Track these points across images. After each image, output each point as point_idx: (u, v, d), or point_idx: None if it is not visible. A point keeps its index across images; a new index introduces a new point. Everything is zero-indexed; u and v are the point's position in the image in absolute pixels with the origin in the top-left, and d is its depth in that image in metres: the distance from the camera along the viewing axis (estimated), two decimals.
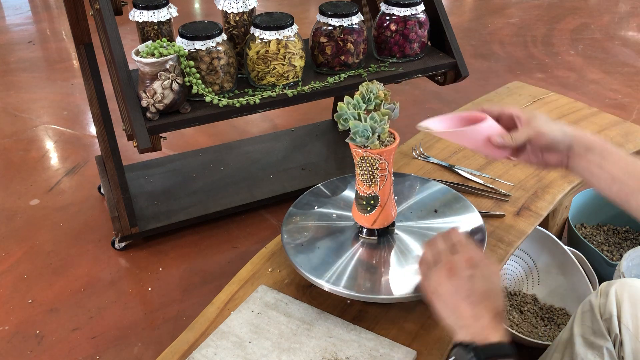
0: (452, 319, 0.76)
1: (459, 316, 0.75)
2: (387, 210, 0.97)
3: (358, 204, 0.98)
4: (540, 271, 1.50)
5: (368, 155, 0.90)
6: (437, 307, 0.78)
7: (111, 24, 1.22)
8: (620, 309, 0.91)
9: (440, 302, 0.78)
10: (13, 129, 2.33)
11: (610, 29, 3.31)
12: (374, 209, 0.96)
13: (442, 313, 0.77)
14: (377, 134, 0.88)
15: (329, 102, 2.21)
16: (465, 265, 0.78)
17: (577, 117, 1.53)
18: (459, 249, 0.81)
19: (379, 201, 0.95)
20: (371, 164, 0.91)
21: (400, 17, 1.40)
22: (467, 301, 0.75)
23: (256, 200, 1.78)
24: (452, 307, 0.76)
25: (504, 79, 2.66)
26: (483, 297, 0.75)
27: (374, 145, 0.89)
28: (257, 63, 1.31)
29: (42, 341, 1.42)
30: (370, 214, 0.97)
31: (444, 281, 0.78)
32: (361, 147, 0.90)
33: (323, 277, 0.93)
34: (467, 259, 0.79)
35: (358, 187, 0.96)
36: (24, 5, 3.75)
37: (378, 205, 0.96)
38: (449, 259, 0.80)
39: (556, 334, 1.39)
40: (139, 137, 1.20)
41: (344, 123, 0.89)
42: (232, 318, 0.95)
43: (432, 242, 0.85)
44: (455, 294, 0.76)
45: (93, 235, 1.76)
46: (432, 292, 0.79)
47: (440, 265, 0.79)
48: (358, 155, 0.91)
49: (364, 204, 0.96)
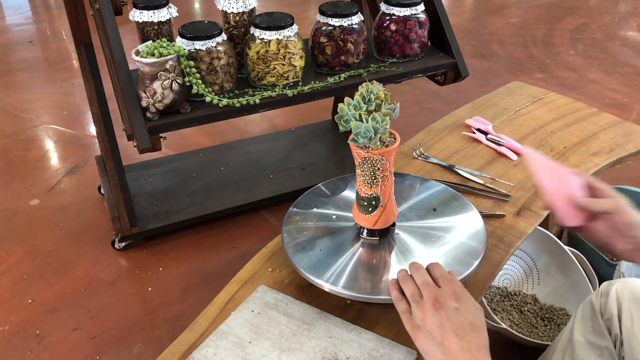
0: (437, 353, 0.74)
1: (446, 349, 0.73)
2: (388, 211, 0.97)
3: (359, 205, 0.98)
4: (540, 271, 1.50)
5: (369, 156, 0.90)
6: (422, 342, 0.77)
7: (111, 24, 1.22)
8: (621, 309, 0.91)
9: (425, 335, 0.76)
10: (13, 129, 2.33)
11: (610, 29, 3.31)
12: (375, 209, 0.96)
13: (427, 348, 0.76)
14: (379, 134, 0.88)
15: (329, 102, 2.21)
16: (450, 298, 0.77)
17: (577, 117, 1.53)
18: (441, 283, 0.80)
19: (381, 202, 0.95)
20: (373, 164, 0.91)
21: (400, 17, 1.40)
22: (453, 334, 0.73)
23: (256, 200, 1.78)
24: (439, 340, 0.74)
25: (504, 79, 2.66)
26: (469, 330, 0.74)
27: (376, 145, 0.89)
28: (257, 63, 1.31)
29: (42, 341, 1.42)
30: (371, 215, 0.97)
31: (430, 314, 0.76)
32: (363, 148, 0.89)
33: (323, 277, 0.93)
34: (452, 293, 0.77)
35: (359, 188, 0.95)
36: (24, 5, 3.75)
37: (379, 206, 0.96)
38: (434, 292, 0.78)
39: (556, 334, 1.39)
40: (139, 137, 1.20)
41: (344, 124, 0.89)
42: (232, 318, 0.95)
43: (407, 277, 0.83)
44: (441, 327, 0.74)
45: (93, 235, 1.76)
46: (416, 325, 0.78)
47: (426, 298, 0.78)
48: (359, 157, 0.91)
49: (366, 205, 0.96)
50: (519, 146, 1.37)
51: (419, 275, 0.82)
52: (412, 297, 0.80)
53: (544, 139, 1.44)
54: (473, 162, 1.35)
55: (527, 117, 1.54)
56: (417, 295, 0.79)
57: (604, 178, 1.90)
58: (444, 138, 1.44)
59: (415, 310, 0.78)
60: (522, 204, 1.22)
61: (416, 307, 0.78)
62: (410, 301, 0.80)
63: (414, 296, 0.80)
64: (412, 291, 0.80)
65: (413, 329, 0.78)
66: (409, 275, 0.84)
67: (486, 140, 1.40)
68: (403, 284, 0.83)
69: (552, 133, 1.46)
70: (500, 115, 1.54)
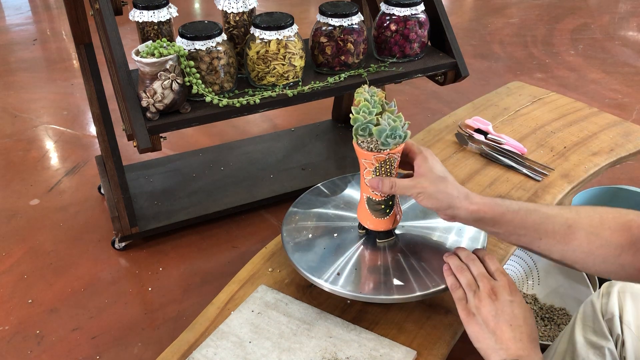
0: (489, 341, 0.78)
1: (498, 338, 0.78)
2: (398, 206, 0.96)
3: (375, 211, 0.93)
4: (540, 271, 1.50)
5: (390, 156, 0.86)
6: (474, 329, 0.81)
7: (111, 24, 1.22)
8: (622, 309, 0.91)
9: (479, 323, 0.80)
10: (13, 129, 2.33)
11: (610, 29, 3.31)
12: (391, 209, 0.93)
13: (479, 335, 0.80)
14: (405, 129, 0.86)
15: (329, 102, 2.21)
16: (506, 291, 0.81)
17: (577, 117, 1.53)
18: (497, 276, 0.84)
19: (395, 200, 0.93)
20: (391, 164, 0.88)
21: (400, 17, 1.40)
22: (507, 324, 0.78)
23: (256, 200, 1.78)
24: (493, 328, 0.79)
25: (504, 79, 2.66)
26: (522, 322, 0.78)
27: (397, 143, 0.85)
28: (257, 63, 1.31)
29: (42, 341, 1.42)
30: (389, 216, 0.94)
31: (486, 303, 0.80)
32: (383, 151, 0.85)
33: (323, 277, 0.93)
34: (507, 286, 0.82)
35: (374, 195, 0.91)
36: (24, 5, 3.75)
37: (395, 205, 0.94)
38: (491, 284, 0.83)
39: (556, 334, 1.39)
40: (139, 137, 1.20)
41: (363, 133, 0.85)
42: (232, 318, 0.95)
43: (463, 267, 0.87)
44: (496, 316, 0.79)
45: (93, 235, 1.76)
46: (471, 313, 0.82)
47: (482, 289, 0.82)
48: (379, 161, 0.86)
49: (383, 208, 0.92)
50: (520, 145, 1.38)
51: (475, 266, 0.86)
52: (468, 287, 0.84)
53: (544, 139, 1.43)
54: (471, 163, 1.35)
55: (527, 117, 1.54)
56: (474, 284, 0.84)
57: (603, 178, 1.90)
58: (444, 138, 1.44)
59: (472, 299, 0.82)
60: None
61: (472, 296, 0.82)
62: (467, 290, 0.84)
63: (471, 285, 0.84)
64: (468, 280, 0.85)
65: (468, 316, 0.82)
66: (464, 265, 0.87)
67: (486, 140, 1.40)
68: (459, 273, 0.86)
69: (552, 133, 1.46)
70: (500, 115, 1.54)
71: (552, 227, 0.80)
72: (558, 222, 0.80)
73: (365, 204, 0.93)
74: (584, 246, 0.79)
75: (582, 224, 0.79)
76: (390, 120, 0.84)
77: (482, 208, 0.82)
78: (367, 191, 0.92)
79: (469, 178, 1.30)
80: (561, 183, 1.28)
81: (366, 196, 0.93)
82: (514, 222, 0.82)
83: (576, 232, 0.79)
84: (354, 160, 1.96)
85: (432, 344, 0.92)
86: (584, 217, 0.80)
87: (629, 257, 0.77)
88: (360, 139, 0.86)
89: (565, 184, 1.28)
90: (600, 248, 0.78)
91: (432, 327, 0.95)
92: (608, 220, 0.79)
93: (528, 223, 0.81)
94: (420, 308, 0.98)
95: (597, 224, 0.79)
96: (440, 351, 0.91)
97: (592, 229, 0.79)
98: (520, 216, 0.82)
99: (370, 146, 0.86)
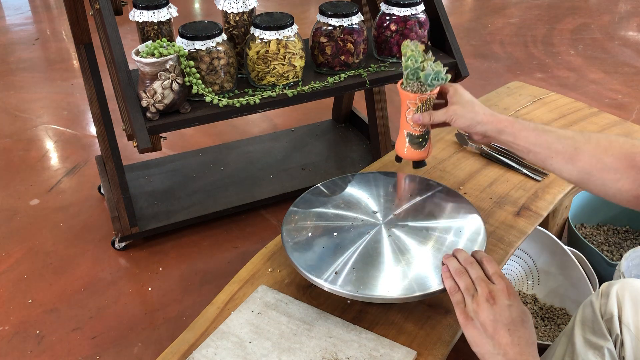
0: (488, 346, 0.78)
1: (496, 343, 0.78)
2: (430, 141, 1.11)
3: (413, 144, 1.09)
4: (540, 271, 1.50)
5: (431, 96, 1.03)
6: (473, 333, 0.80)
7: (111, 24, 1.22)
8: (622, 309, 0.91)
9: (477, 327, 0.80)
10: (13, 129, 2.33)
11: (610, 29, 3.31)
12: (427, 142, 1.10)
13: (477, 339, 0.80)
14: (445, 75, 1.04)
15: (329, 102, 2.21)
16: (504, 295, 0.81)
17: (577, 117, 1.53)
18: (495, 280, 0.84)
19: (429, 135, 1.10)
20: (430, 103, 1.05)
21: (400, 17, 1.40)
22: (505, 329, 0.78)
23: (256, 200, 1.78)
24: (491, 333, 0.78)
25: (504, 79, 2.66)
26: (520, 326, 0.78)
27: (439, 83, 1.04)
28: (257, 63, 1.31)
29: (42, 341, 1.42)
30: (425, 148, 1.10)
31: (484, 307, 0.80)
32: (425, 93, 1.02)
33: (323, 277, 0.93)
34: (505, 290, 0.82)
35: (413, 130, 1.07)
36: (24, 5, 3.75)
37: (429, 139, 1.10)
38: (489, 288, 0.82)
39: (556, 334, 1.39)
40: (139, 137, 1.20)
41: (412, 77, 1.03)
42: (232, 318, 0.95)
43: (461, 270, 0.87)
44: (495, 321, 0.79)
45: (93, 235, 1.76)
46: (469, 317, 0.82)
47: (481, 293, 0.82)
48: (422, 100, 1.03)
49: (420, 141, 1.09)
50: None
51: (473, 270, 0.86)
52: (467, 290, 0.84)
53: None
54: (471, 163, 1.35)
55: (527, 117, 1.53)
56: (472, 288, 0.84)
57: None
58: (444, 138, 1.44)
59: (470, 303, 0.82)
60: (522, 203, 1.22)
61: (471, 300, 0.82)
62: (465, 294, 0.84)
63: (469, 289, 0.84)
64: (467, 284, 0.85)
65: (466, 319, 0.82)
66: (463, 268, 0.87)
67: None
68: (457, 276, 0.86)
69: None
70: None
71: (562, 147, 0.89)
72: (568, 143, 0.89)
73: (406, 139, 1.10)
74: (587, 168, 0.86)
75: (589, 148, 0.87)
76: (433, 66, 1.03)
77: (502, 122, 0.95)
78: (407, 127, 1.08)
79: (469, 178, 1.30)
80: (561, 183, 1.28)
81: (406, 132, 1.09)
82: (529, 138, 0.92)
83: (581, 154, 0.87)
84: (354, 160, 1.96)
85: (432, 344, 0.92)
86: (593, 141, 0.87)
87: (627, 184, 0.83)
88: (408, 82, 1.04)
89: (565, 184, 1.28)
90: (600, 171, 0.85)
91: (432, 327, 0.95)
92: (614, 147, 0.85)
93: (541, 141, 0.91)
94: (420, 308, 0.98)
95: (603, 150, 0.86)
96: (440, 351, 0.91)
97: (597, 152, 0.86)
98: (536, 134, 0.92)
99: (414, 89, 1.04)
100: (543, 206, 1.22)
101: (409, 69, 1.03)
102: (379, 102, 1.86)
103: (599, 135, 0.89)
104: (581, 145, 0.87)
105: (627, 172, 0.83)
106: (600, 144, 0.87)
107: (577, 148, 0.88)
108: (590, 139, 0.88)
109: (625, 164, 0.83)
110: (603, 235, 1.66)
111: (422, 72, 1.03)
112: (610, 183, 0.84)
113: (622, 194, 0.84)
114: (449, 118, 1.01)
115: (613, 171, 0.84)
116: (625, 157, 0.83)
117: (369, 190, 1.12)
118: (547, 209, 1.21)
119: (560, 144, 0.89)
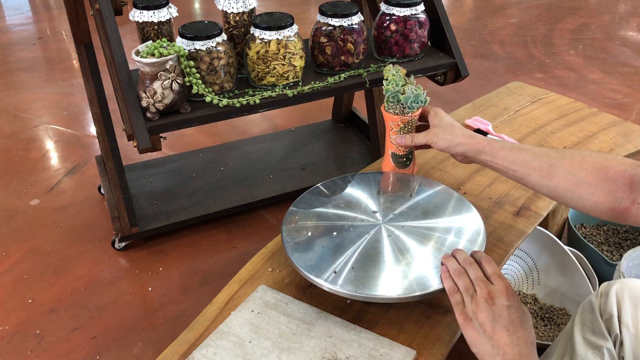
0: (487, 346, 0.79)
1: (495, 343, 0.78)
2: (415, 160, 1.20)
3: (397, 163, 1.17)
4: (540, 271, 1.50)
5: (412, 118, 1.12)
6: (472, 334, 0.81)
7: (111, 24, 1.22)
8: (621, 309, 0.92)
9: (476, 328, 0.80)
10: (13, 129, 2.33)
11: (610, 29, 3.31)
12: (410, 161, 1.18)
13: (476, 340, 0.80)
14: (424, 97, 1.13)
15: (329, 102, 2.21)
16: (503, 295, 0.81)
17: (577, 117, 1.53)
18: (494, 280, 0.84)
19: (413, 154, 1.18)
20: (412, 124, 1.13)
21: (400, 17, 1.40)
22: (504, 329, 0.78)
23: (256, 200, 1.78)
24: (490, 334, 0.79)
25: (504, 79, 2.67)
26: (519, 327, 0.78)
27: (419, 107, 1.12)
28: (257, 63, 1.31)
29: (42, 341, 1.42)
30: (409, 166, 1.18)
31: (483, 308, 0.81)
32: (408, 114, 1.11)
33: (322, 277, 0.93)
34: (504, 290, 0.82)
35: (397, 150, 1.15)
36: (24, 5, 3.75)
37: (413, 157, 1.18)
38: (488, 288, 0.83)
39: (556, 334, 1.39)
40: (139, 137, 1.20)
41: (393, 100, 1.12)
42: (232, 318, 0.96)
43: (460, 271, 0.87)
44: (494, 322, 0.79)
45: (93, 235, 1.76)
46: (468, 317, 0.82)
47: (480, 293, 0.82)
48: (404, 121, 1.12)
49: (404, 161, 1.17)
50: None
51: (472, 270, 0.86)
52: (466, 291, 0.84)
53: (543, 139, 1.44)
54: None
55: (527, 117, 1.54)
56: (471, 289, 0.84)
57: None
58: None
59: (469, 303, 0.83)
60: (521, 203, 1.22)
61: (470, 301, 0.83)
62: (464, 294, 0.84)
63: (468, 290, 0.84)
64: (466, 285, 0.85)
65: (465, 320, 0.82)
66: (462, 268, 0.87)
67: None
68: (457, 277, 0.87)
69: (552, 133, 1.46)
70: (500, 115, 1.54)
71: (538, 164, 0.93)
72: (544, 160, 0.92)
73: (391, 158, 1.18)
74: (562, 183, 0.90)
75: (563, 163, 0.90)
76: (413, 89, 1.11)
77: (480, 142, 1.01)
78: (392, 148, 1.16)
79: (469, 178, 1.30)
80: None
81: (391, 152, 1.17)
82: (507, 157, 0.97)
83: (556, 170, 0.91)
84: (354, 160, 1.97)
85: (431, 343, 0.92)
86: (567, 157, 0.91)
87: (602, 196, 0.86)
88: (390, 105, 1.12)
89: None
90: (576, 185, 0.88)
91: (431, 327, 0.95)
92: (587, 162, 0.88)
93: (518, 159, 0.95)
94: (419, 308, 0.98)
95: (577, 164, 0.89)
96: (440, 351, 0.91)
97: (571, 168, 0.89)
98: (513, 153, 0.96)
99: (396, 111, 1.12)
100: (543, 206, 1.22)
101: (390, 92, 1.11)
102: (379, 102, 1.86)
103: (573, 151, 0.92)
104: (556, 162, 0.91)
105: (601, 185, 0.86)
106: (574, 159, 0.90)
107: (552, 164, 0.91)
108: (565, 155, 0.91)
109: (599, 177, 0.86)
110: (603, 235, 1.66)
111: (402, 95, 1.10)
112: (587, 196, 0.87)
113: (598, 207, 0.87)
114: (430, 140, 1.07)
115: (587, 185, 0.87)
116: (599, 170, 0.86)
117: (369, 190, 1.12)
118: (547, 209, 1.21)
119: (537, 161, 0.93)
